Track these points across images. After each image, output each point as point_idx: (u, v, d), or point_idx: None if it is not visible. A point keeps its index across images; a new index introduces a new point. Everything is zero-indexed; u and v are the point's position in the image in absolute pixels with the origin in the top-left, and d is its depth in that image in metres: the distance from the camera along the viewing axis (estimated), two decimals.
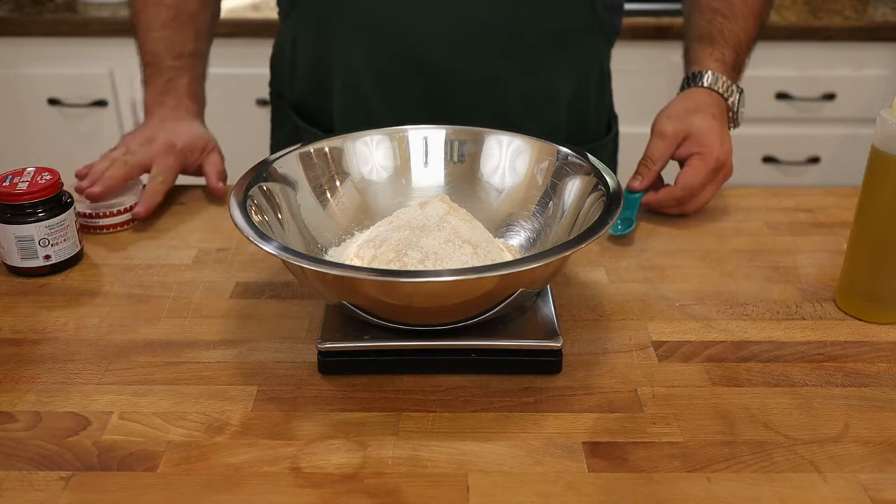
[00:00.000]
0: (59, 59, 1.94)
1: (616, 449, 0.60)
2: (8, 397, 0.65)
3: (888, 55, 1.96)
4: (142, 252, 0.86)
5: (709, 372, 0.68)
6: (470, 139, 0.81)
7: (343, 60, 0.97)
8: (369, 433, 0.61)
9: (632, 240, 0.88)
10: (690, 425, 0.62)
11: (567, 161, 0.76)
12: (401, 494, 0.56)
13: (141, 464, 0.59)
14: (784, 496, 0.56)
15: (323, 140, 0.80)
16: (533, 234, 0.77)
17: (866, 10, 2.00)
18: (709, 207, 0.94)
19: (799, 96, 1.98)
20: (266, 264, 0.83)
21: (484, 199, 0.80)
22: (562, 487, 0.57)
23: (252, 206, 0.69)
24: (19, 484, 0.57)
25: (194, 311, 0.76)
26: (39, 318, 0.75)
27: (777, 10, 2.00)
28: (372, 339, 0.67)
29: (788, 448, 0.60)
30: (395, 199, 0.80)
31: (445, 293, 0.62)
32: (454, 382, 0.66)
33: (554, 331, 0.68)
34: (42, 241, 0.80)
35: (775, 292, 0.79)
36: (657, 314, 0.76)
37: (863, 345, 0.72)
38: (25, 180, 0.80)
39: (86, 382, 0.67)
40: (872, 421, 0.63)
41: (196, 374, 0.68)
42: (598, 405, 0.64)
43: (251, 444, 0.60)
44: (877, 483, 0.57)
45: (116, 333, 0.73)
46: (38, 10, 1.94)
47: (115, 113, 1.99)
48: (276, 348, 0.71)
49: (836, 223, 0.92)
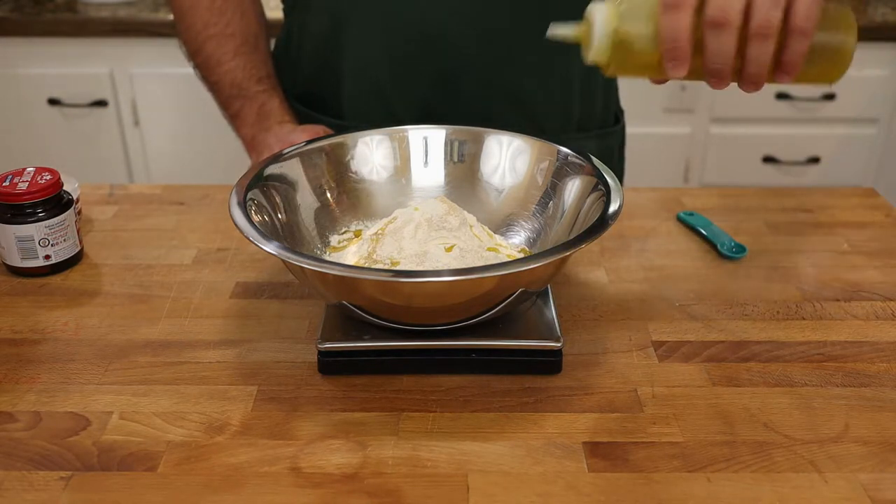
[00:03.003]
0: (59, 59, 1.94)
1: (616, 449, 0.60)
2: (8, 397, 0.65)
3: (888, 55, 1.96)
4: (142, 252, 0.86)
5: (709, 372, 0.68)
6: (470, 139, 0.81)
7: (355, 43, 0.95)
8: (369, 433, 0.61)
9: (632, 240, 0.88)
10: (690, 425, 0.62)
11: (567, 161, 0.76)
12: (401, 494, 0.56)
13: (141, 464, 0.59)
14: (784, 496, 0.56)
15: (323, 140, 0.80)
16: (533, 234, 0.77)
17: (866, 10, 2.00)
18: (708, 207, 0.94)
19: (799, 96, 1.98)
20: (266, 264, 0.83)
21: (484, 199, 0.80)
22: (562, 487, 0.57)
23: (252, 206, 0.69)
24: (19, 484, 0.57)
25: (194, 311, 0.76)
26: (39, 318, 0.75)
27: None
28: (372, 339, 0.67)
29: (788, 448, 0.60)
30: (395, 199, 0.80)
31: (445, 293, 0.62)
32: (454, 382, 0.66)
33: (554, 331, 0.68)
34: (42, 241, 0.80)
35: (775, 292, 0.79)
36: (657, 314, 0.76)
37: (863, 345, 0.72)
38: (25, 180, 0.80)
39: (86, 382, 0.67)
40: (872, 421, 0.63)
41: (196, 374, 0.68)
42: (598, 405, 0.64)
43: (251, 444, 0.60)
44: (877, 483, 0.57)
45: (116, 333, 0.73)
46: (38, 10, 1.94)
47: (115, 113, 1.99)
48: (276, 348, 0.71)
49: (836, 223, 0.92)
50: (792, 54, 0.60)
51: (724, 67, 0.60)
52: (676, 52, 0.60)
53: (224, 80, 0.96)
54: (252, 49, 0.98)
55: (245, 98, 0.96)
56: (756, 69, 0.60)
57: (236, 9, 0.97)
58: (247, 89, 0.96)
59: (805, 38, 0.59)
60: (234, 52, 0.96)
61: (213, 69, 0.97)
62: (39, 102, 1.97)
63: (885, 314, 0.76)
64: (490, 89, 0.91)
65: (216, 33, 0.96)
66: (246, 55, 0.97)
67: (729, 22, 0.58)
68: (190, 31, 0.98)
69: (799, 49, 0.60)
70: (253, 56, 0.97)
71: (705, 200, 0.97)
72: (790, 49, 0.60)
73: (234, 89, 0.96)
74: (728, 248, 0.85)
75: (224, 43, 0.96)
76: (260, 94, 0.96)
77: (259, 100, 0.96)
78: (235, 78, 0.96)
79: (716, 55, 0.60)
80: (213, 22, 0.96)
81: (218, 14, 0.96)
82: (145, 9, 1.94)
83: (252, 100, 0.96)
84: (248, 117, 0.96)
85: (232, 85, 0.96)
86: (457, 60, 0.94)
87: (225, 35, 0.96)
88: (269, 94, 0.97)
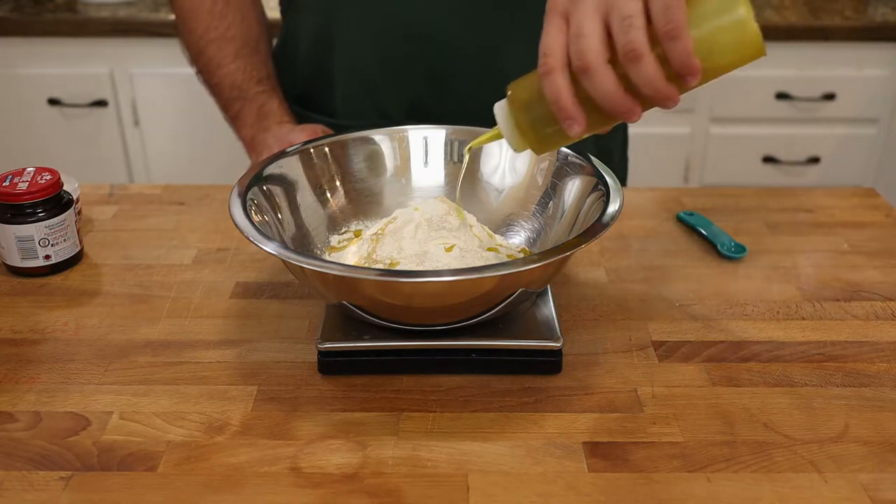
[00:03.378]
0: (59, 59, 1.94)
1: (616, 449, 0.60)
2: (8, 397, 0.65)
3: (888, 55, 1.96)
4: (142, 252, 0.86)
5: (709, 372, 0.68)
6: (470, 139, 0.81)
7: (346, 42, 0.96)
8: (369, 433, 0.61)
9: (632, 240, 0.88)
10: (690, 425, 0.62)
11: (567, 161, 0.76)
12: (401, 494, 0.56)
13: (141, 464, 0.59)
14: (784, 496, 0.56)
15: (323, 139, 0.80)
16: (533, 234, 0.77)
17: (866, 10, 2.00)
18: (708, 207, 0.94)
19: (799, 96, 1.98)
20: (266, 264, 0.83)
21: (484, 199, 0.80)
22: (562, 487, 0.57)
23: (252, 206, 0.69)
24: (19, 484, 0.57)
25: (194, 311, 0.76)
26: (39, 318, 0.75)
27: (777, 10, 2.00)
28: (372, 339, 0.67)
29: (788, 448, 0.60)
30: (395, 199, 0.80)
31: (445, 293, 0.62)
32: (454, 382, 0.66)
33: (554, 331, 0.68)
34: (42, 241, 0.80)
35: (775, 292, 0.79)
36: (657, 314, 0.76)
37: (863, 345, 0.72)
38: (25, 180, 0.80)
39: (86, 382, 0.67)
40: (872, 421, 0.63)
41: (196, 374, 0.68)
42: (598, 405, 0.64)
43: (251, 444, 0.60)
44: (877, 483, 0.57)
45: (116, 333, 0.73)
46: (38, 10, 1.94)
47: (115, 113, 1.99)
48: (276, 348, 0.71)
49: (836, 223, 0.92)
50: (678, 59, 0.54)
51: (616, 105, 0.56)
52: (565, 112, 0.57)
53: (224, 83, 0.97)
54: (252, 51, 0.98)
55: (245, 99, 0.96)
56: (651, 90, 0.56)
57: (237, 12, 0.97)
58: (246, 91, 0.96)
59: (680, 39, 0.53)
60: (235, 54, 0.96)
61: (214, 72, 0.97)
62: (39, 102, 1.97)
63: (885, 314, 0.76)
64: (481, 87, 0.92)
65: (217, 37, 0.96)
66: (246, 57, 0.97)
67: (590, 65, 0.55)
68: (191, 36, 0.98)
69: (682, 51, 0.54)
70: (253, 58, 0.97)
71: (705, 200, 0.97)
72: (671, 55, 0.55)
73: (234, 91, 0.96)
74: (728, 248, 0.85)
75: (224, 46, 0.96)
76: (259, 95, 0.96)
77: (259, 101, 0.96)
78: (235, 80, 0.96)
79: (600, 98, 0.56)
80: (214, 26, 0.97)
81: (218, 18, 0.97)
82: (145, 9, 1.94)
83: (251, 101, 0.96)
84: (248, 118, 0.96)
85: (232, 87, 0.96)
86: (447, 58, 0.94)
87: (225, 38, 0.96)
88: (268, 94, 0.97)
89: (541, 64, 0.58)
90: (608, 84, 0.56)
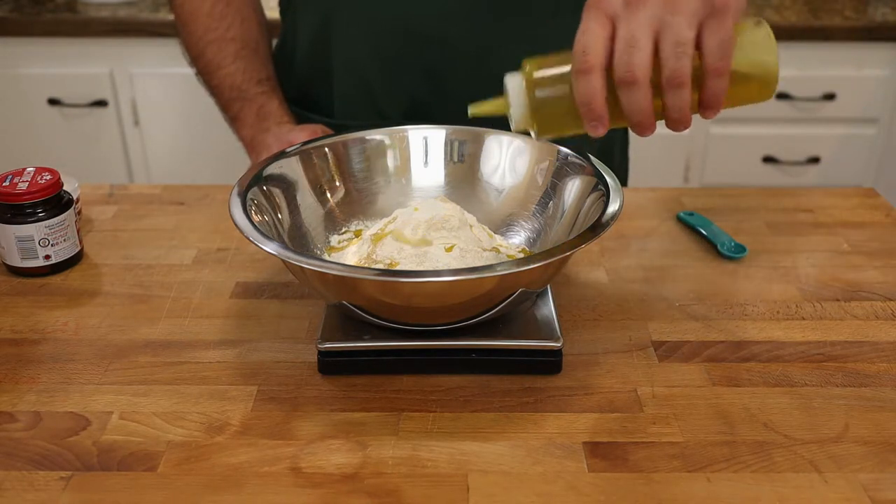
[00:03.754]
0: (59, 59, 1.94)
1: (616, 449, 0.60)
2: (8, 397, 0.65)
3: (888, 55, 1.96)
4: (142, 252, 0.86)
5: (709, 372, 0.68)
6: (470, 139, 0.81)
7: (343, 42, 0.96)
8: (369, 433, 0.61)
9: (632, 240, 0.88)
10: (690, 425, 0.62)
11: (567, 161, 0.76)
12: (401, 494, 0.56)
13: (141, 464, 0.59)
14: (784, 496, 0.56)
15: (323, 139, 0.80)
16: (533, 234, 0.77)
17: (866, 10, 2.00)
18: (708, 207, 0.94)
19: (799, 96, 1.98)
20: (266, 264, 0.83)
21: (484, 199, 0.80)
22: (562, 487, 0.57)
23: (252, 206, 0.69)
24: (19, 484, 0.57)
25: (194, 311, 0.76)
26: (39, 318, 0.75)
27: (777, 10, 2.00)
28: (372, 339, 0.67)
29: (788, 448, 0.60)
30: (395, 199, 0.80)
31: (445, 293, 0.62)
32: (454, 382, 0.66)
33: (554, 331, 0.68)
34: (42, 241, 0.80)
35: (775, 292, 0.79)
36: (657, 314, 0.76)
37: (863, 345, 0.72)
38: (25, 180, 0.80)
39: (86, 382, 0.67)
40: (872, 421, 0.63)
41: (196, 374, 0.68)
42: (598, 405, 0.64)
43: (251, 444, 0.60)
44: (877, 483, 0.57)
45: (116, 333, 0.73)
46: (38, 10, 1.94)
47: (115, 113, 1.99)
48: (276, 348, 0.71)
49: (836, 223, 0.92)
50: (712, 95, 0.58)
51: (643, 120, 0.59)
52: (594, 114, 0.59)
53: (224, 84, 0.97)
54: (252, 52, 0.98)
55: (244, 100, 0.96)
56: (678, 115, 0.59)
57: (236, 14, 0.98)
58: (246, 91, 0.96)
59: (722, 77, 0.57)
60: (234, 55, 0.96)
61: (214, 73, 0.97)
62: (39, 102, 1.97)
63: (885, 314, 0.76)
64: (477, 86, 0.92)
65: (216, 38, 0.96)
66: (246, 58, 0.97)
67: (637, 80, 0.57)
68: (191, 37, 0.98)
69: (719, 89, 0.58)
70: (253, 59, 0.98)
71: (705, 200, 0.97)
72: (709, 90, 0.58)
73: (233, 92, 0.97)
74: (728, 248, 0.85)
75: (224, 47, 0.96)
76: (259, 96, 0.96)
77: (258, 101, 0.96)
78: (235, 81, 0.96)
79: (632, 111, 0.58)
80: (214, 27, 0.97)
81: (218, 19, 0.97)
82: (145, 9, 1.94)
83: (251, 101, 0.96)
84: (248, 119, 0.96)
85: (231, 88, 0.96)
86: (446, 58, 0.94)
87: (225, 40, 0.96)
88: (268, 95, 0.97)
89: (580, 60, 0.58)
90: (645, 101, 0.57)
